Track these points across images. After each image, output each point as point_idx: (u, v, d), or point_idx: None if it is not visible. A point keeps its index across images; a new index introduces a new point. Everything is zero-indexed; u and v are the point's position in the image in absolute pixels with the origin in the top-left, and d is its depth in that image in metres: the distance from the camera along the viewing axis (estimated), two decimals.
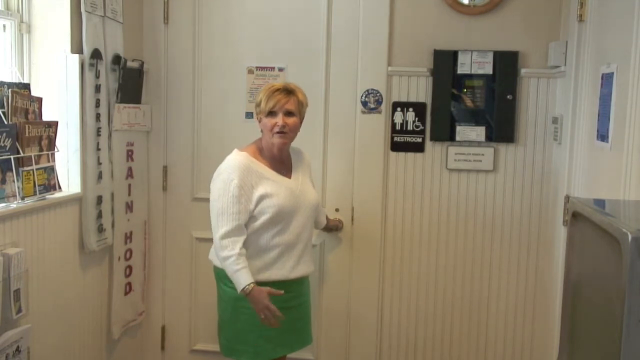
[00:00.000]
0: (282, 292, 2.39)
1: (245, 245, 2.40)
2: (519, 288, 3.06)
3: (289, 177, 2.53)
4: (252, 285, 2.33)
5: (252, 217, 2.42)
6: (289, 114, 2.44)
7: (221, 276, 2.47)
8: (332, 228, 3.03)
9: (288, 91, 2.45)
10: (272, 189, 2.43)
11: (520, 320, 3.07)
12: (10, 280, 2.17)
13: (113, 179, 2.86)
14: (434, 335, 3.13)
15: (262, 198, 2.41)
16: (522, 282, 3.06)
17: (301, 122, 2.52)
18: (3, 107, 2.29)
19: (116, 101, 2.84)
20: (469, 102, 2.98)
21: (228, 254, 2.34)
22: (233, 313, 2.47)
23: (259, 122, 2.50)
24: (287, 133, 2.45)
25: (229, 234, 2.36)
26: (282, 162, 2.53)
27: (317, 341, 3.09)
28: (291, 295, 2.52)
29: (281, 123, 2.42)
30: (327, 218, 2.93)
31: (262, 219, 2.41)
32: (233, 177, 2.39)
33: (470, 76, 2.96)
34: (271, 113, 2.44)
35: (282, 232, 2.45)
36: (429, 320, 3.13)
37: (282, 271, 2.47)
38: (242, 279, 2.34)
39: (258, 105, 2.48)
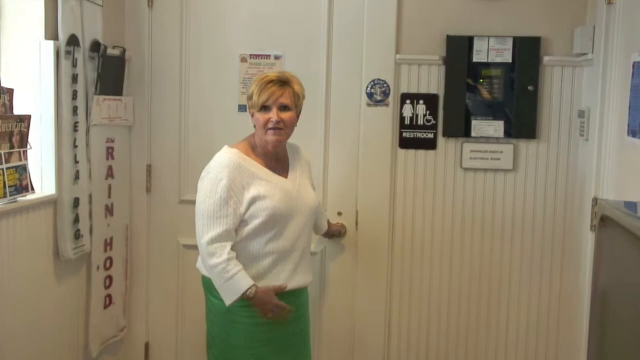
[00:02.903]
0: (286, 285, 2.43)
1: (235, 252, 2.39)
2: (541, 301, 3.06)
3: (285, 176, 2.53)
4: (254, 287, 2.35)
5: (243, 221, 2.42)
6: (284, 108, 2.44)
7: (209, 286, 2.46)
8: (334, 234, 3.03)
9: (283, 82, 2.45)
10: (266, 189, 2.43)
11: (543, 336, 3.07)
12: None
13: (91, 179, 2.86)
14: (447, 353, 3.13)
15: (254, 200, 2.40)
16: (545, 294, 3.05)
17: (298, 116, 2.52)
18: None
19: (95, 93, 2.84)
20: (485, 94, 2.98)
21: (216, 261, 2.35)
22: (223, 327, 2.47)
23: (252, 116, 2.49)
24: (283, 129, 2.44)
25: (215, 240, 2.36)
26: (277, 160, 2.53)
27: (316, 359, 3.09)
28: None
29: (275, 118, 2.42)
30: (328, 223, 2.93)
31: (254, 223, 2.41)
32: (221, 176, 2.39)
33: (487, 65, 2.96)
34: (264, 107, 2.43)
35: (277, 238, 2.44)
36: (442, 337, 3.13)
37: (277, 282, 2.45)
38: (241, 283, 2.34)
39: (250, 98, 2.48)
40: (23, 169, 2.48)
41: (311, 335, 2.75)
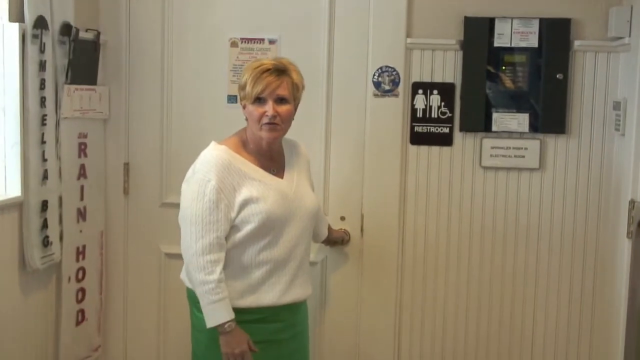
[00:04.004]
0: (257, 350, 2.43)
1: (224, 262, 2.40)
2: (571, 316, 3.06)
3: (281, 176, 2.53)
4: (233, 324, 2.37)
5: (233, 227, 2.42)
6: (281, 100, 2.44)
7: (196, 300, 2.45)
8: (336, 241, 3.03)
9: (280, 71, 2.44)
10: (259, 191, 2.42)
11: (573, 356, 3.06)
12: None
13: (61, 179, 2.86)
14: None
15: (245, 203, 2.40)
16: (575, 309, 3.05)
17: (295, 110, 2.52)
18: None
19: (65, 81, 2.84)
20: (508, 83, 2.98)
21: (205, 279, 2.35)
22: (210, 346, 2.46)
23: (244, 108, 2.49)
24: (279, 124, 2.44)
25: (207, 251, 2.36)
26: (271, 157, 2.53)
27: None
28: (283, 325, 2.52)
29: (271, 113, 2.41)
30: (329, 228, 2.93)
31: (246, 229, 2.41)
32: (210, 177, 2.38)
33: (510, 50, 2.96)
34: (259, 99, 2.43)
35: (271, 246, 2.44)
36: (458, 357, 3.12)
37: (271, 295, 2.46)
38: (222, 313, 2.36)
39: (242, 88, 2.47)
40: None
41: (311, 354, 2.75)
